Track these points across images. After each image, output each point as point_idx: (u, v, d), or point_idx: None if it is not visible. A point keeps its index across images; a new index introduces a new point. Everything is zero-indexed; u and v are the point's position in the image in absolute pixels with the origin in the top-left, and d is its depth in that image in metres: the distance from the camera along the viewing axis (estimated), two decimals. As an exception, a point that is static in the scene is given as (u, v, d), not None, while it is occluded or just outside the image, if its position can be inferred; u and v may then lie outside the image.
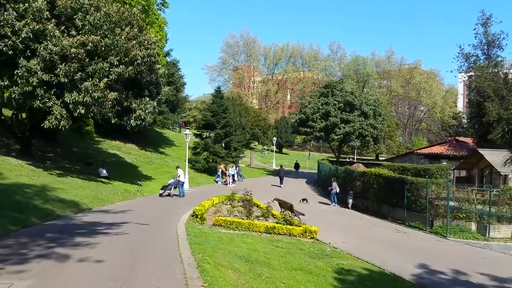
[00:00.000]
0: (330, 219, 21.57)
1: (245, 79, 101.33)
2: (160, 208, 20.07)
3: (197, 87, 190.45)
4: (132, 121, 23.33)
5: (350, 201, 25.06)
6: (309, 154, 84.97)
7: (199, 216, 16.79)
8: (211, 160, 38.35)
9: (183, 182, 26.36)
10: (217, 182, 35.13)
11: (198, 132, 41.97)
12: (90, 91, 20.23)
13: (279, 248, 13.56)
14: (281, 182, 35.63)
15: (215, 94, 41.44)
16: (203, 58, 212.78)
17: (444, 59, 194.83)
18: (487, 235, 17.79)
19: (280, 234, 16.30)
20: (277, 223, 17.55)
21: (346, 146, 46.52)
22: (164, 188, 24.71)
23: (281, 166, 38.82)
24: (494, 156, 27.21)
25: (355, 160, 61.10)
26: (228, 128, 39.72)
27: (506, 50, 53.54)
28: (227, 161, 38.18)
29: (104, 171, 26.11)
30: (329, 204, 26.30)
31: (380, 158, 75.34)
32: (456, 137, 46.66)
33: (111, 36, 21.51)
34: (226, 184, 33.48)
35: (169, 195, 24.72)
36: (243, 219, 18.17)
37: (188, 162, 34.84)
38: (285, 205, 20.81)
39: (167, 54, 46.92)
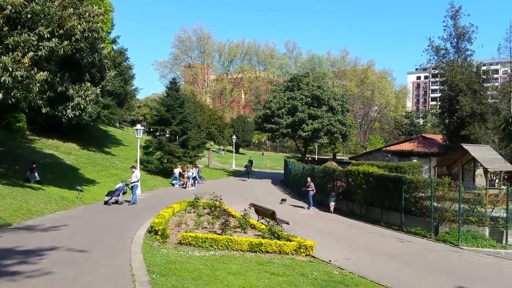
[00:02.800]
0: (317, 227, 18.14)
1: (198, 76, 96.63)
2: (106, 221, 15.57)
3: (146, 87, 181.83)
4: (69, 111, 18.52)
5: (332, 204, 21.86)
6: (263, 153, 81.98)
7: (159, 233, 12.62)
8: (165, 161, 33.83)
9: (138, 185, 21.89)
10: (173, 185, 30.75)
11: (150, 129, 37.25)
12: (11, 69, 15.33)
13: (275, 276, 9.84)
14: (248, 176, 38.51)
15: (170, 86, 36.83)
16: (153, 55, 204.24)
17: (396, 61, 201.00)
18: (503, 241, 15.18)
19: (268, 252, 12.55)
20: (261, 236, 13.79)
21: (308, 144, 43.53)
22: (110, 194, 20.11)
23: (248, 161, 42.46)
24: (478, 152, 25.17)
25: (316, 159, 58.75)
26: (185, 124, 35.34)
27: (475, 44, 54.00)
28: (184, 161, 33.88)
29: (36, 175, 21.02)
30: (305, 207, 22.95)
31: (337, 157, 73.96)
32: (422, 134, 45.44)
33: (40, 1, 16.70)
34: (185, 187, 29.20)
35: (117, 202, 20.19)
36: (216, 232, 14.29)
37: (140, 163, 30.16)
38: (265, 212, 17.11)
39: (114, 41, 41.53)
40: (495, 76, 35.76)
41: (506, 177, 27.06)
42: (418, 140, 40.25)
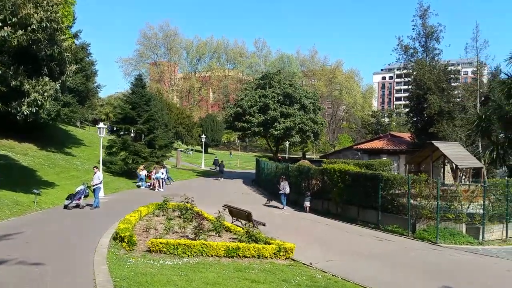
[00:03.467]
0: (294, 227, 17.49)
1: (165, 74, 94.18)
2: (65, 227, 14.23)
3: (110, 85, 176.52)
4: (24, 107, 16.93)
5: (308, 203, 21.30)
6: (231, 152, 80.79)
7: (126, 240, 11.52)
8: (130, 161, 32.15)
9: (100, 187, 20.49)
10: (139, 186, 29.32)
11: (114, 128, 35.51)
12: (-46, 60, 13.73)
13: (256, 283, 9.06)
14: (221, 176, 38.48)
15: (136, 82, 35.17)
16: (117, 53, 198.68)
17: (362, 61, 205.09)
18: (480, 238, 15.04)
19: (246, 257, 11.72)
20: (238, 240, 12.93)
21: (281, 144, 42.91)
22: (71, 197, 18.64)
23: (221, 161, 41.91)
24: (448, 149, 25.35)
25: (286, 158, 58.44)
26: (152, 122, 33.80)
27: (442, 43, 54.91)
28: (151, 162, 32.41)
29: (-14, 178, 19.23)
30: (279, 207, 22.29)
31: (307, 156, 74.07)
32: (391, 132, 45.97)
33: (-12, -15, 15.12)
34: (154, 189, 27.89)
35: (78, 206, 18.77)
36: (188, 237, 13.33)
37: (103, 163, 28.57)
38: (240, 214, 16.27)
39: (75, 35, 39.23)
40: (460, 76, 36.22)
41: (473, 173, 27.53)
42: (387, 138, 40.56)
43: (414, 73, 35.50)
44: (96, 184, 19.80)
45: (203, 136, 54.47)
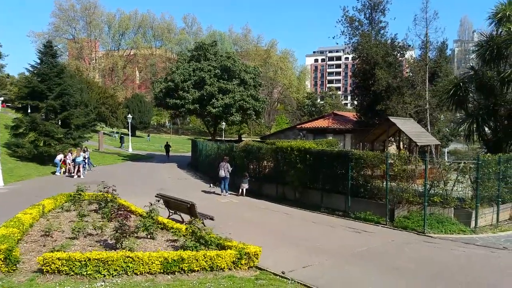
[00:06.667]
0: (247, 219, 14.04)
1: (84, 50, 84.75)
2: None
3: (22, 62, 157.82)
4: None
5: (245, 186, 18.42)
6: (149, 135, 74.08)
7: (1, 255, 7.28)
8: (41, 144, 26.63)
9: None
10: (54, 173, 24.25)
11: (20, 105, 29.40)
12: None
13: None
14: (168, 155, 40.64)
15: (45, 50, 29.02)
16: (28, 26, 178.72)
17: (295, 42, 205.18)
18: (472, 224, 12.69)
19: (194, 271, 8.06)
20: (181, 247, 9.15)
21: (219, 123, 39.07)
22: None
23: (167, 142, 43.26)
24: (404, 126, 23.41)
25: (223, 140, 54.75)
26: (65, 98, 28.15)
27: (388, 16, 54.75)
28: (66, 144, 27.03)
29: None
30: (222, 194, 18.73)
31: (242, 138, 70.93)
32: (334, 111, 44.24)
33: None
34: (72, 176, 22.99)
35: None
36: (107, 242, 9.42)
37: (7, 147, 23.01)
38: (180, 206, 12.41)
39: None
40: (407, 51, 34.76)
41: (420, 151, 26.08)
42: (332, 117, 38.63)
43: (360, 46, 33.38)
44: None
45: (129, 116, 48.63)
